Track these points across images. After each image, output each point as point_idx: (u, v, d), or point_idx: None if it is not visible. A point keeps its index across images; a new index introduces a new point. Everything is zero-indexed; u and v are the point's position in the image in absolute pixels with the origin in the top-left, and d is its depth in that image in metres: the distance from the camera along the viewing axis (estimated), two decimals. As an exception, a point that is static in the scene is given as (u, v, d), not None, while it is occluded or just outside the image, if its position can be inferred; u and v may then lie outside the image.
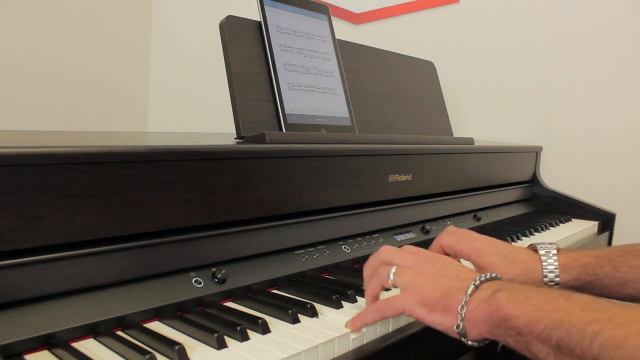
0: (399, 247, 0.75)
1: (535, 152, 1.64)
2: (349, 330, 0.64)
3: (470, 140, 1.34)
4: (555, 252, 0.80)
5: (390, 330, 0.70)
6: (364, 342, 0.66)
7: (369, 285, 0.69)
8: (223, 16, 0.94)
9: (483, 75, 1.85)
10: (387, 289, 0.69)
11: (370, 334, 0.67)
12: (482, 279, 0.60)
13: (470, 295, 0.58)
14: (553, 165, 1.72)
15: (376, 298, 0.69)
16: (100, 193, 0.61)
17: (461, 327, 0.58)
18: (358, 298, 0.76)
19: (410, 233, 1.08)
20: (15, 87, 1.89)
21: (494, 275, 0.61)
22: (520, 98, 1.79)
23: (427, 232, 1.12)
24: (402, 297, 0.63)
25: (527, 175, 1.62)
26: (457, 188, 1.28)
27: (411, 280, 0.63)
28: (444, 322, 0.60)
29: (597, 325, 0.49)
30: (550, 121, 1.74)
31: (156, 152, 0.67)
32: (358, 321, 0.66)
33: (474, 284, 0.59)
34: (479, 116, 1.86)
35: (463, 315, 0.58)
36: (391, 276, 0.65)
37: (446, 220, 1.21)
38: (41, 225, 0.57)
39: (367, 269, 0.71)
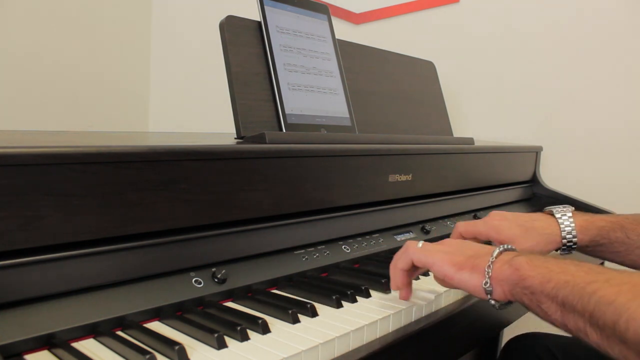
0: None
1: (535, 152, 1.64)
2: (349, 330, 0.64)
3: (470, 140, 1.34)
4: (570, 214, 0.86)
5: (390, 330, 0.70)
6: (364, 342, 0.66)
7: (397, 261, 0.74)
8: (223, 16, 0.94)
9: (483, 75, 1.85)
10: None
11: (370, 334, 0.67)
12: (506, 247, 0.67)
13: (495, 257, 0.65)
14: (553, 165, 1.72)
15: (400, 271, 0.73)
16: (100, 193, 0.61)
17: (489, 284, 0.64)
18: (358, 298, 0.76)
19: (410, 233, 1.08)
20: (15, 87, 1.89)
21: (512, 247, 0.67)
22: (520, 98, 1.79)
23: (427, 232, 1.12)
24: (434, 254, 0.70)
25: (527, 175, 1.62)
26: (457, 188, 1.28)
27: (440, 248, 0.71)
28: (473, 279, 0.66)
29: (596, 285, 0.54)
30: (550, 121, 1.74)
31: (156, 152, 0.67)
32: (394, 271, 0.73)
33: (499, 250, 0.66)
34: (479, 116, 1.86)
35: (490, 273, 0.64)
36: (419, 244, 0.72)
37: (446, 220, 1.21)
38: (41, 225, 0.57)
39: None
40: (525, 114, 1.78)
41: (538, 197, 1.63)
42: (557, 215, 0.86)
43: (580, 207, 1.53)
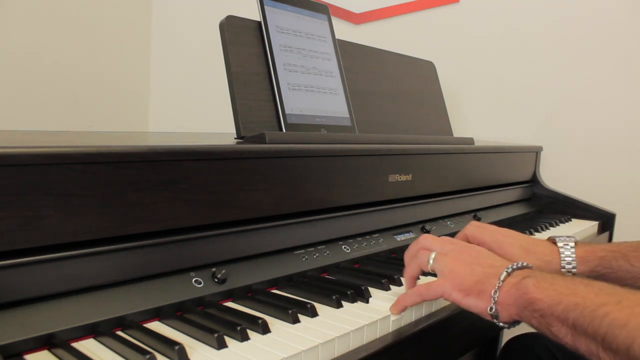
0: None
1: (535, 152, 1.64)
2: (349, 330, 0.64)
3: (470, 140, 1.34)
4: (572, 244, 0.85)
5: (390, 330, 0.70)
6: (364, 342, 0.66)
7: (409, 267, 0.75)
8: (223, 16, 0.94)
9: (483, 75, 1.85)
10: (424, 274, 0.77)
11: (370, 334, 0.67)
12: (514, 266, 0.65)
13: (502, 280, 0.64)
14: (553, 165, 1.72)
15: (414, 279, 0.76)
16: (100, 193, 0.61)
17: (494, 309, 0.64)
18: (358, 298, 0.76)
19: (410, 233, 1.08)
20: (15, 87, 1.89)
21: (525, 264, 0.66)
22: (520, 98, 1.79)
23: (427, 232, 1.12)
24: (441, 282, 0.69)
25: (527, 175, 1.62)
26: (457, 188, 1.28)
27: (449, 267, 0.69)
28: (479, 305, 0.66)
29: (607, 308, 0.54)
30: (550, 121, 1.74)
31: (156, 152, 0.67)
32: (400, 304, 0.72)
33: (507, 271, 0.65)
34: (479, 116, 1.86)
35: (496, 298, 0.64)
36: (430, 261, 0.72)
37: (446, 220, 1.21)
38: (41, 225, 0.57)
39: (408, 254, 0.77)
40: (525, 114, 1.78)
41: (538, 197, 1.63)
42: (560, 244, 0.85)
43: (580, 207, 1.53)
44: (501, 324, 0.65)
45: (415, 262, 0.74)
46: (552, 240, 0.86)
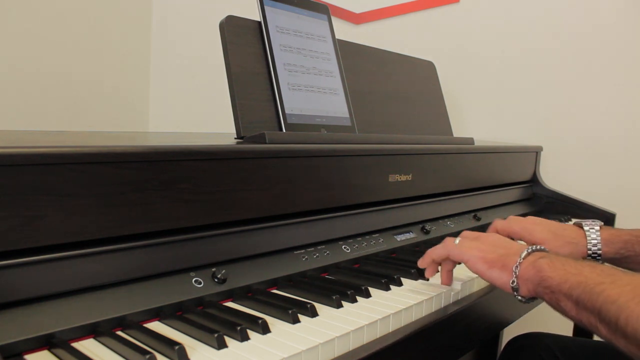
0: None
1: (535, 152, 1.64)
2: (349, 330, 0.64)
3: (470, 140, 1.34)
4: (598, 228, 0.92)
5: (390, 330, 0.70)
6: (364, 342, 0.66)
7: (433, 250, 0.81)
8: (223, 16, 0.94)
9: (483, 75, 1.85)
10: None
11: (370, 334, 0.67)
12: (533, 248, 0.73)
13: (523, 258, 0.72)
14: (553, 165, 1.72)
15: (433, 263, 0.82)
16: (100, 193, 0.61)
17: (515, 283, 0.71)
18: (358, 298, 0.76)
19: (410, 233, 1.08)
20: (15, 87, 1.89)
21: (541, 247, 0.73)
22: (520, 98, 1.79)
23: (427, 232, 1.12)
24: (469, 249, 0.77)
25: (527, 175, 1.62)
26: (457, 188, 1.28)
27: (474, 244, 0.78)
28: (502, 277, 0.73)
29: (603, 286, 0.61)
30: (550, 121, 1.74)
31: (156, 152, 0.67)
32: (427, 256, 0.81)
33: (527, 251, 0.72)
34: (479, 116, 1.86)
35: (517, 273, 0.71)
36: (456, 241, 0.80)
37: (446, 220, 1.21)
38: (41, 225, 0.57)
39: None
40: (525, 114, 1.78)
41: (538, 197, 1.63)
42: (586, 228, 0.92)
43: (580, 207, 1.53)
44: (520, 297, 0.72)
45: (441, 246, 0.80)
46: (579, 225, 0.93)
